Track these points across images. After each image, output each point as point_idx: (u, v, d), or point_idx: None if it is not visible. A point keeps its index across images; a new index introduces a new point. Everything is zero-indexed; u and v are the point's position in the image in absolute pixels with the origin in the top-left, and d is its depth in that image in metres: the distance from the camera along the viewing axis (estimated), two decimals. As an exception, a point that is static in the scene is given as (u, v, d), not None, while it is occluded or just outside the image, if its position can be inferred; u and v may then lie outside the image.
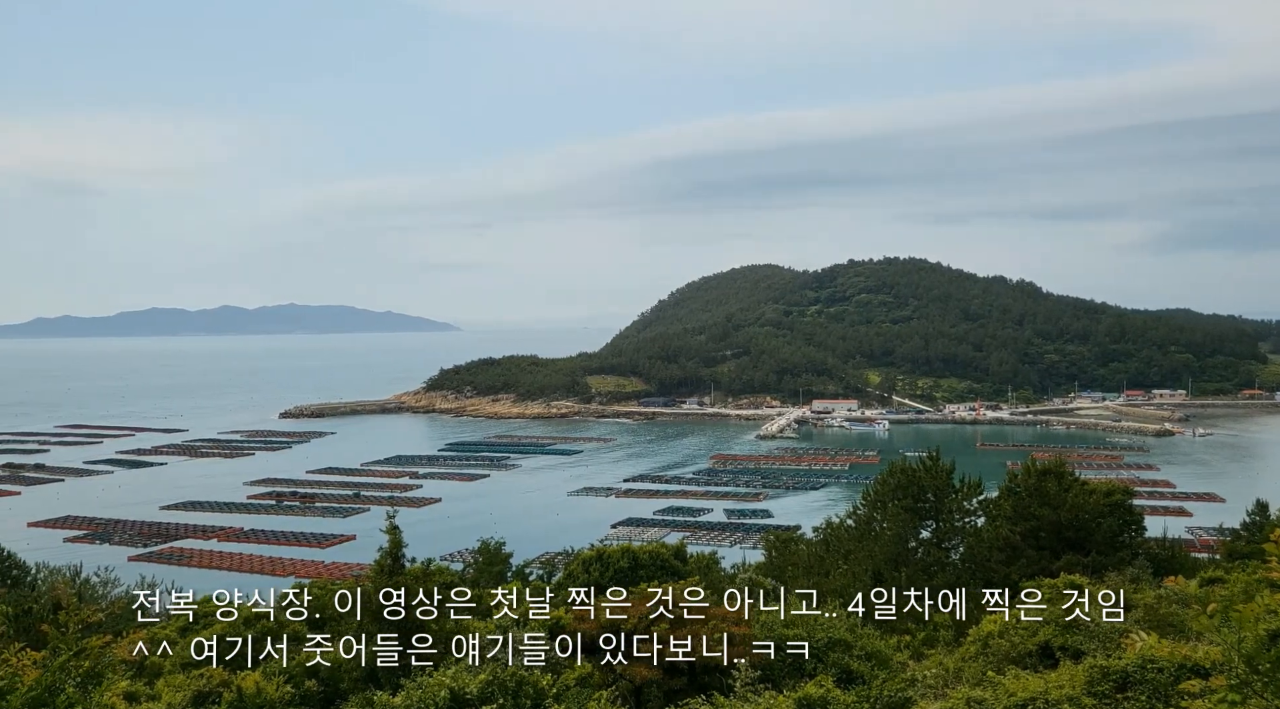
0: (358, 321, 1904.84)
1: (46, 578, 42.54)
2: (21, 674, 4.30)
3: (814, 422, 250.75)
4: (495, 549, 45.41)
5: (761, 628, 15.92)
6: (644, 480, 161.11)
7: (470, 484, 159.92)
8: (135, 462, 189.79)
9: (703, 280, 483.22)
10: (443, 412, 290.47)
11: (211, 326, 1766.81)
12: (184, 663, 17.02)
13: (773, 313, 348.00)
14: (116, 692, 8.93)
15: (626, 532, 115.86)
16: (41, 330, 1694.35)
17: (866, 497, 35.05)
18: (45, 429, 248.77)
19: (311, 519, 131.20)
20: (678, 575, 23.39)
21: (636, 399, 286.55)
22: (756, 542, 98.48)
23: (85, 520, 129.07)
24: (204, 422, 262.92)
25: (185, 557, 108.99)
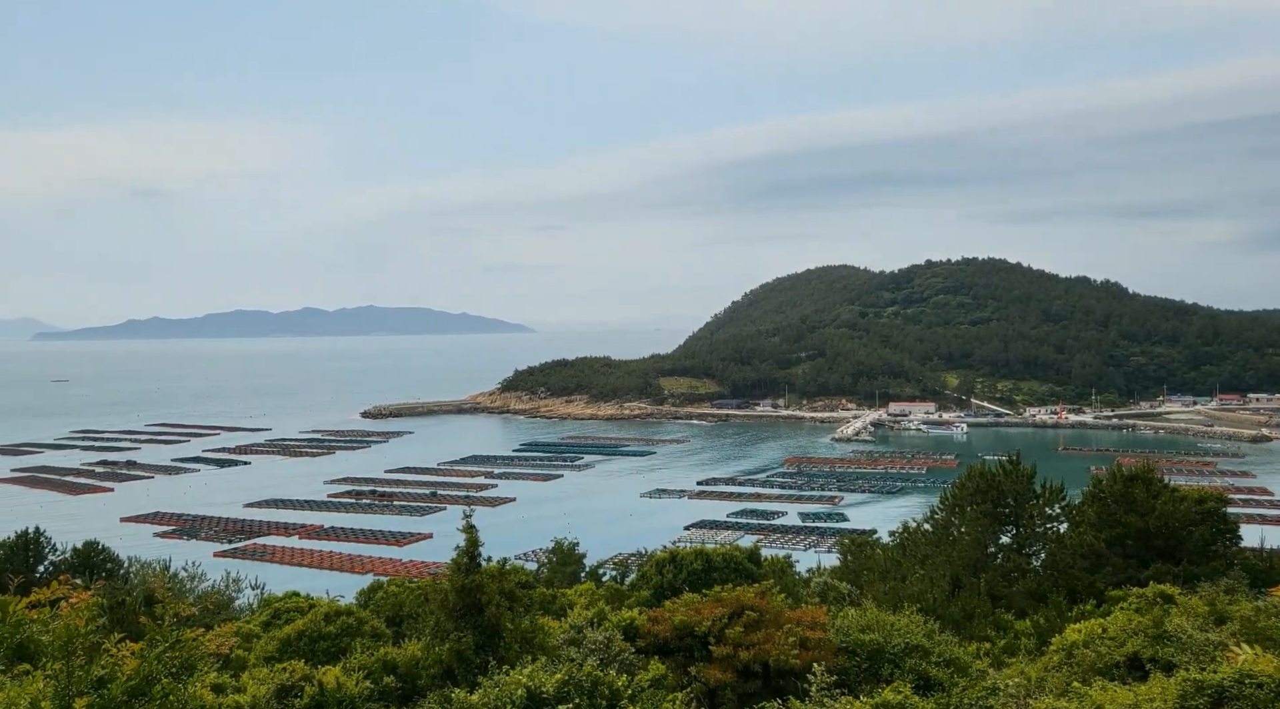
0: (434, 323, 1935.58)
1: (138, 572, 44.01)
2: (121, 664, 4.44)
3: (890, 424, 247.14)
4: (569, 549, 45.70)
5: (837, 632, 15.71)
6: (717, 483, 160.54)
7: (544, 484, 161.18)
8: (221, 460, 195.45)
9: (776, 281, 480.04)
10: (517, 412, 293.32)
11: (293, 328, 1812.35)
12: (267, 657, 17.43)
13: (848, 314, 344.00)
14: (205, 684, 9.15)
15: (700, 534, 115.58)
16: (133, 332, 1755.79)
17: (944, 500, 34.39)
18: (136, 428, 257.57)
19: (390, 517, 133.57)
20: (751, 579, 23.21)
21: (709, 401, 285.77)
22: (831, 545, 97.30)
23: (174, 516, 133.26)
24: (286, 421, 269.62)
25: (267, 553, 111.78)
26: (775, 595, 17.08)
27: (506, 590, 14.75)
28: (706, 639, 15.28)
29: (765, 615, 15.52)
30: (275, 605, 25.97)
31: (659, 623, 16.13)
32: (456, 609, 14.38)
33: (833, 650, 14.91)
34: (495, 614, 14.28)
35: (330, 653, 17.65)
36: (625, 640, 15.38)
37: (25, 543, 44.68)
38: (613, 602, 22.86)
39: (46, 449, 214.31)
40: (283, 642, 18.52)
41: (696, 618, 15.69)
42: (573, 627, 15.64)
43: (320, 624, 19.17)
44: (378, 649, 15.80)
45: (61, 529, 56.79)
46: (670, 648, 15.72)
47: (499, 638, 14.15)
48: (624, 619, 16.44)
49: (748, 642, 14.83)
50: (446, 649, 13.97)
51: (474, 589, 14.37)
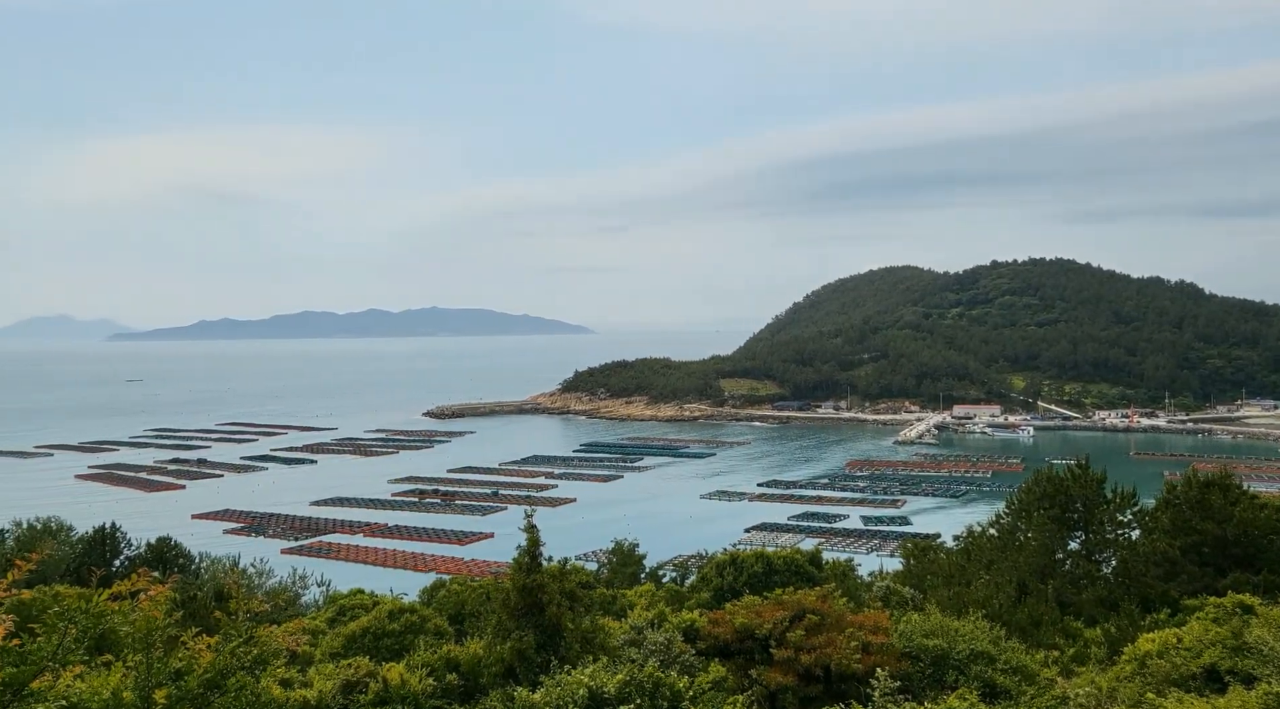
0: (496, 324, 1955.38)
1: (208, 567, 45.11)
2: (197, 657, 4.57)
3: (954, 427, 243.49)
4: (629, 550, 45.75)
5: (900, 637, 15.50)
6: (778, 485, 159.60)
7: (604, 485, 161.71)
8: (289, 458, 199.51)
9: (838, 282, 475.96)
10: (577, 413, 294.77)
11: (359, 329, 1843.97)
12: (333, 653, 17.71)
13: (911, 315, 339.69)
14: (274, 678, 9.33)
15: (760, 536, 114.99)
16: (203, 332, 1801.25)
17: (1010, 505, 33.74)
18: (208, 427, 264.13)
19: (452, 516, 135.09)
20: (813, 582, 23.00)
21: (770, 402, 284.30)
22: (894, 549, 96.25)
23: (242, 514, 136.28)
24: (352, 421, 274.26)
25: (332, 550, 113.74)
26: (837, 599, 16.92)
27: (567, 590, 14.79)
28: (767, 642, 15.18)
29: (827, 619, 15.37)
30: (340, 602, 26.42)
31: (719, 625, 16.08)
32: (518, 608, 14.47)
33: (896, 655, 14.72)
34: (556, 614, 14.34)
35: (394, 650, 17.89)
36: (685, 642, 15.35)
37: (102, 538, 46.07)
38: (673, 603, 22.84)
39: (122, 447, 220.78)
40: (348, 638, 18.82)
41: (757, 621, 15.60)
42: (633, 628, 15.65)
43: (384, 621, 19.44)
44: (440, 647, 15.96)
45: (136, 525, 58.42)
46: (731, 650, 15.65)
47: (560, 637, 14.20)
48: (684, 621, 16.41)
49: (809, 645, 14.70)
50: (508, 648, 14.06)
51: (535, 589, 14.44)
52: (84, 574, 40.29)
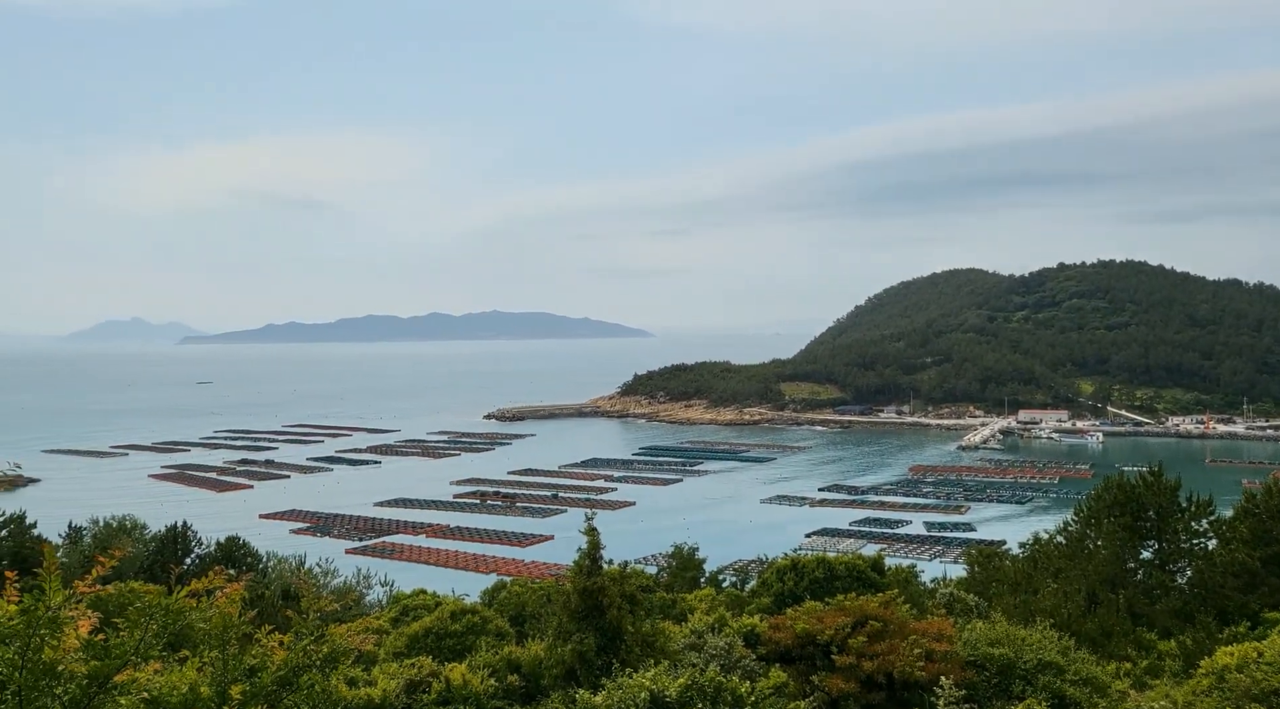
0: (556, 327, 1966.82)
1: (275, 566, 45.97)
2: (270, 655, 4.68)
3: (1020, 432, 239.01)
4: (689, 554, 45.63)
5: (965, 645, 15.26)
6: (839, 490, 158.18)
7: (663, 489, 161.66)
8: (352, 460, 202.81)
9: (901, 285, 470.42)
10: (636, 416, 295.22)
11: (421, 332, 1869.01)
12: (396, 652, 17.94)
13: (976, 319, 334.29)
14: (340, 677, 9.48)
15: (821, 541, 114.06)
16: (271, 336, 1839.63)
17: (1079, 512, 33.01)
18: (275, 428, 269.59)
19: (512, 518, 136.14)
20: (875, 588, 22.74)
21: (831, 407, 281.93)
22: (958, 556, 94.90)
23: (308, 514, 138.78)
24: (414, 423, 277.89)
25: (396, 551, 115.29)
26: (900, 606, 16.70)
27: (628, 593, 14.81)
28: (829, 648, 15.05)
29: (889, 626, 15.19)
30: (404, 602, 26.76)
31: (780, 630, 15.97)
32: (579, 611, 14.52)
33: (960, 664, 14.48)
34: (617, 617, 14.36)
35: (456, 650, 18.06)
36: (746, 647, 15.28)
37: (174, 537, 47.21)
38: (733, 608, 22.74)
39: (193, 447, 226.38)
40: (411, 638, 19.05)
41: (819, 626, 15.46)
42: (693, 632, 15.62)
43: (447, 622, 19.65)
44: (502, 648, 16.09)
45: (206, 524, 59.76)
46: (792, 656, 15.54)
47: (620, 640, 14.22)
48: (745, 625, 16.33)
49: (871, 652, 14.54)
50: (569, 650, 14.12)
51: (596, 591, 14.48)
52: (157, 571, 41.40)
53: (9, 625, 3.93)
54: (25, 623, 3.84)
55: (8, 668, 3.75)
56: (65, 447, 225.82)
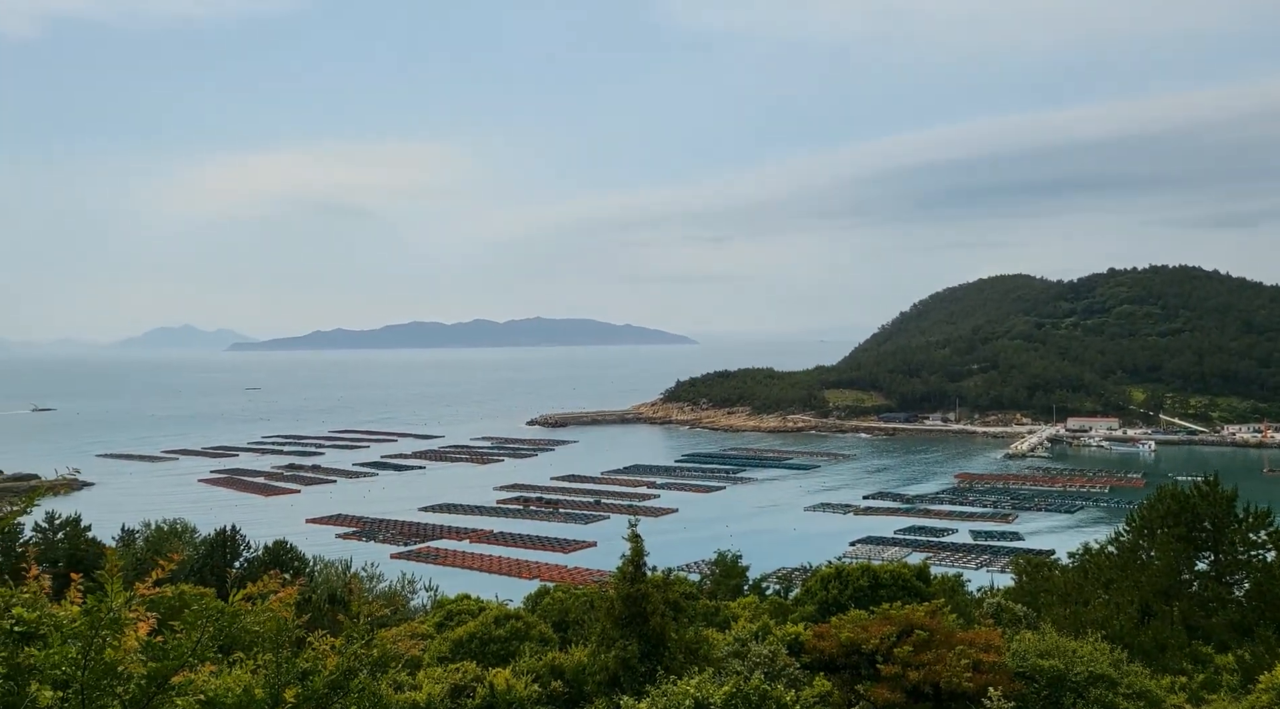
0: (598, 334, 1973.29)
1: (322, 570, 46.46)
2: (323, 658, 4.75)
3: (1069, 440, 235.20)
4: (732, 562, 45.48)
5: (1013, 656, 15.03)
6: (884, 498, 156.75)
7: (706, 496, 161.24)
8: (397, 465, 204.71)
9: (947, 291, 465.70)
10: (679, 423, 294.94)
11: (465, 339, 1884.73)
12: (440, 657, 18.06)
13: (1023, 325, 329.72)
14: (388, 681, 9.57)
15: (865, 550, 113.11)
16: (318, 342, 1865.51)
17: (1131, 522, 32.41)
18: (320, 433, 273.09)
19: (555, 524, 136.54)
20: (921, 597, 22.48)
21: (876, 414, 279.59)
22: (1005, 565, 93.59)
23: (354, 518, 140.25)
24: (458, 428, 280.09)
25: (440, 556, 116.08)
26: (946, 615, 16.49)
27: (671, 600, 14.79)
28: (874, 657, 14.90)
29: (936, 635, 15.00)
30: (448, 607, 26.91)
31: (825, 639, 15.84)
32: (622, 617, 14.52)
33: (1009, 675, 14.27)
34: (660, 624, 14.34)
35: (500, 655, 18.14)
36: (790, 655, 15.18)
37: (224, 540, 47.94)
38: (777, 616, 22.60)
39: (242, 452, 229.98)
40: (455, 643, 19.16)
41: (864, 635, 15.32)
42: (737, 639, 15.55)
43: (490, 627, 19.73)
44: (545, 654, 16.13)
45: (254, 528, 60.62)
46: (836, 665, 15.41)
47: (664, 647, 14.20)
48: (789, 634, 16.22)
49: (917, 662, 14.37)
50: (612, 656, 14.12)
51: (639, 598, 14.47)
52: (207, 574, 42.07)
53: (72, 626, 4.06)
54: (88, 623, 3.96)
55: (71, 667, 3.88)
56: (118, 451, 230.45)
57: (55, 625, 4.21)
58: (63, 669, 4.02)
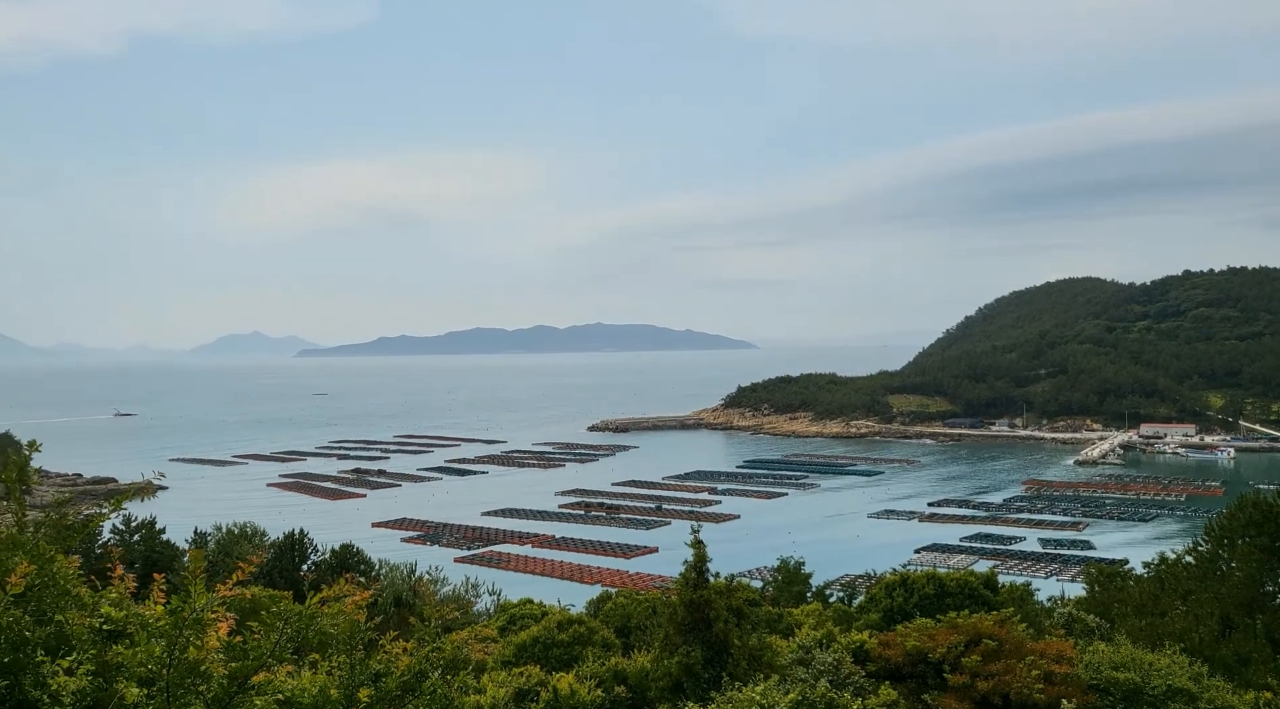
0: (658, 339, 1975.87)
1: (387, 574, 47.10)
2: (395, 660, 4.84)
3: (1142, 447, 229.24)
4: (795, 568, 45.15)
5: (1086, 668, 14.68)
6: (950, 505, 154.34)
7: (768, 502, 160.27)
8: (460, 470, 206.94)
9: (1013, 295, 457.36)
10: (740, 429, 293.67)
11: (527, 344, 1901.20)
12: (504, 661, 18.20)
13: (1093, 329, 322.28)
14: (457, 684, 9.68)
15: (931, 557, 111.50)
16: (383, 349, 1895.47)
17: (1210, 531, 31.42)
18: (385, 438, 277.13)
19: (617, 529, 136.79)
20: (988, 606, 22.09)
21: (941, 420, 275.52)
22: (1076, 574, 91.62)
23: (418, 522, 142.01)
24: (520, 434, 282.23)
25: (503, 560, 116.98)
26: (1015, 625, 16.17)
27: (734, 607, 14.72)
28: (941, 667, 14.66)
29: (1005, 645, 14.72)
30: (511, 611, 27.17)
31: (890, 647, 15.64)
32: (685, 623, 14.49)
33: (1082, 687, 13.94)
34: (723, 630, 14.29)
35: (563, 660, 18.23)
36: (855, 663, 15.01)
37: (292, 543, 48.85)
38: (841, 623, 22.38)
39: (309, 457, 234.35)
40: (519, 647, 19.30)
41: (930, 644, 15.09)
42: (801, 647, 15.42)
43: (554, 632, 19.85)
44: (608, 659, 16.17)
45: (321, 532, 61.64)
46: (902, 674, 15.20)
47: (727, 654, 14.14)
48: (853, 641, 16.05)
49: (986, 672, 14.10)
50: (675, 662, 14.10)
51: (702, 604, 14.43)
52: (276, 577, 42.91)
53: (157, 625, 4.18)
54: (172, 623, 4.09)
55: (156, 665, 4.01)
56: (191, 456, 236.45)
57: (141, 624, 4.36)
58: (148, 667, 4.15)
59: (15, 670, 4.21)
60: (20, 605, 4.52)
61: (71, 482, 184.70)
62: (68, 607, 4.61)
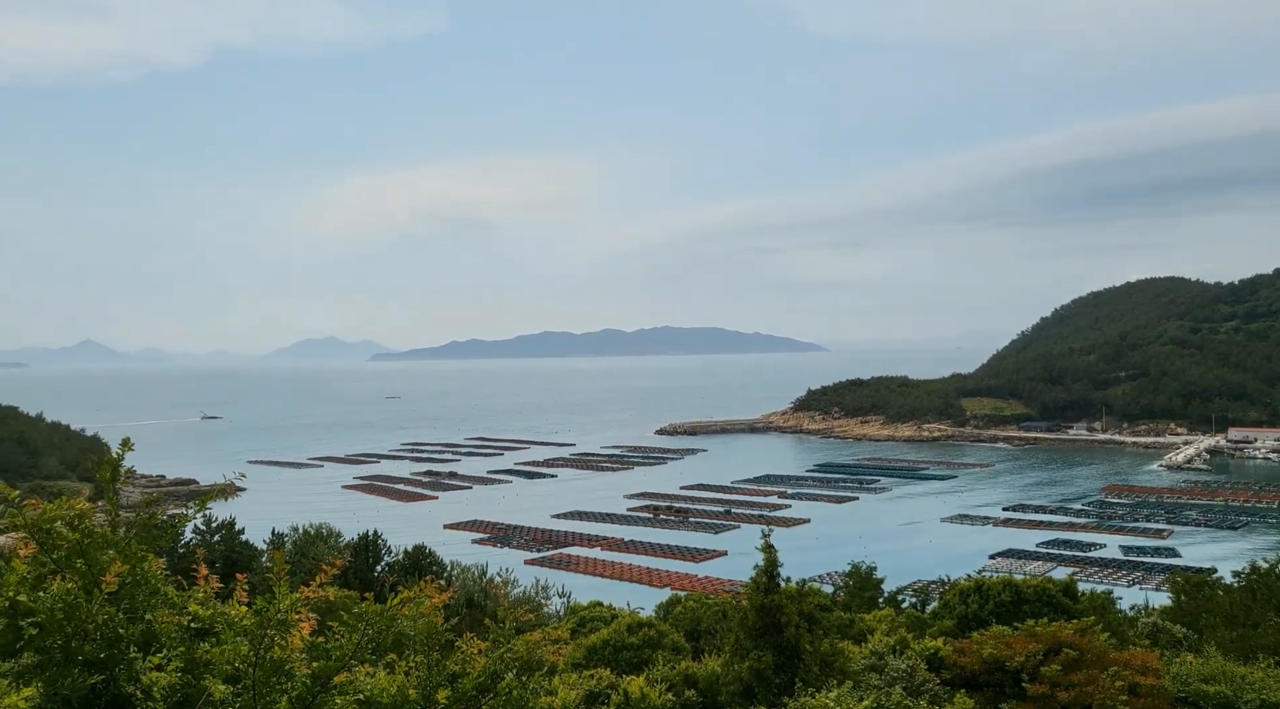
0: (727, 342, 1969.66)
1: (459, 575, 47.68)
2: (471, 661, 4.90)
3: (1231, 452, 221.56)
4: (866, 574, 44.64)
5: (1173, 680, 14.24)
6: (1026, 510, 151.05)
7: (839, 506, 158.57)
8: (530, 472, 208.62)
9: (1091, 295, 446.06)
10: (810, 432, 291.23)
11: (595, 348, 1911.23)
12: (574, 663, 18.27)
13: (1176, 330, 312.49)
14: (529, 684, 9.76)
15: (1006, 563, 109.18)
16: (454, 352, 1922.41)
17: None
18: (457, 441, 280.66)
19: (685, 533, 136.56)
20: (1067, 614, 21.55)
21: (1016, 423, 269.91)
22: (1160, 583, 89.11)
23: (489, 525, 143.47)
24: (589, 437, 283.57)
25: (571, 562, 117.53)
26: (1097, 634, 15.76)
27: (805, 612, 14.60)
28: (1019, 675, 14.35)
29: (1087, 654, 14.35)
30: (581, 614, 27.26)
31: (966, 654, 15.37)
32: (756, 628, 14.41)
33: (1169, 700, 13.53)
34: (795, 635, 14.17)
35: (633, 663, 18.24)
36: (929, 671, 14.79)
37: (366, 545, 49.76)
38: (914, 630, 22.04)
39: (382, 459, 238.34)
40: (589, 649, 19.36)
41: (1008, 652, 14.79)
42: (873, 653, 15.23)
43: (624, 635, 19.87)
44: (678, 663, 16.15)
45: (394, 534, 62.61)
46: (978, 682, 14.92)
47: (798, 659, 14.02)
48: (927, 648, 15.80)
49: (1067, 682, 13.77)
50: (746, 667, 14.03)
51: (773, 609, 14.34)
52: (350, 578, 43.73)
53: (243, 624, 4.31)
54: (258, 622, 4.21)
55: (243, 663, 4.13)
56: (268, 458, 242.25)
57: (228, 623, 4.49)
58: (235, 665, 4.28)
59: (110, 666, 4.37)
60: (114, 603, 4.69)
61: (155, 482, 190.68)
62: (157, 605, 4.77)
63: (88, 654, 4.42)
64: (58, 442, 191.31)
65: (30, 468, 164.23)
